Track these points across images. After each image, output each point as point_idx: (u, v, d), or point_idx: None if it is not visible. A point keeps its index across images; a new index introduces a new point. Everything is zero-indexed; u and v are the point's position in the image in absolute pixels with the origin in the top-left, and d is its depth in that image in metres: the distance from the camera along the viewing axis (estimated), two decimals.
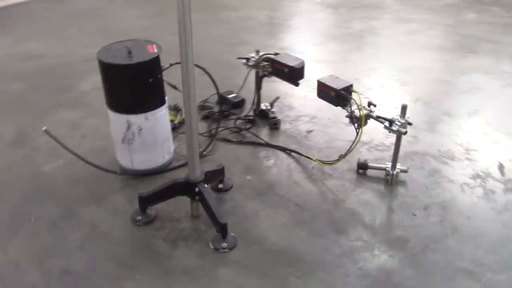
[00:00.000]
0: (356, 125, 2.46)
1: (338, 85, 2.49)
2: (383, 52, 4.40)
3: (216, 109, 3.23)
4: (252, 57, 2.92)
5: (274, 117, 3.10)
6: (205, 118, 3.20)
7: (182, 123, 3.08)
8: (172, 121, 2.98)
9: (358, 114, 2.43)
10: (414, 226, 2.32)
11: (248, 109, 3.27)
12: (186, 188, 2.29)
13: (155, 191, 2.34)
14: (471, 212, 2.41)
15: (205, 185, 2.29)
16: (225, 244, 2.19)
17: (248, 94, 3.24)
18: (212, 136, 2.90)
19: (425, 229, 2.30)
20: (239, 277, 2.06)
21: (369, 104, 2.46)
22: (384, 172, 2.63)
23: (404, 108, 2.40)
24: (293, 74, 2.69)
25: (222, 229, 2.20)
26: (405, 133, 2.39)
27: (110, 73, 2.43)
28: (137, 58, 2.38)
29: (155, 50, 2.47)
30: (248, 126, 3.08)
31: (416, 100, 3.47)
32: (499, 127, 3.13)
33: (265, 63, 2.84)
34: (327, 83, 2.52)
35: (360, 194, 2.53)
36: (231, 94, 3.32)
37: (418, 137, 3.00)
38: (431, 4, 5.81)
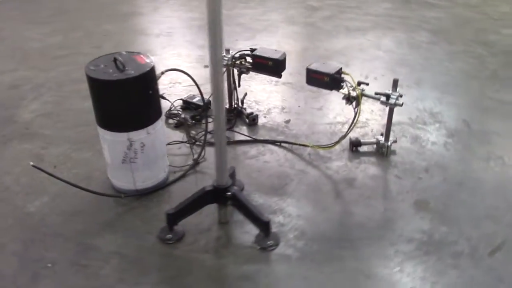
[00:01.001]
0: (354, 104, 2.57)
1: (330, 69, 2.58)
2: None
3: (184, 115, 3.13)
4: (223, 56, 2.88)
5: (251, 113, 3.09)
6: (178, 126, 3.08)
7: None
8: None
9: (355, 94, 2.55)
10: (425, 188, 2.51)
11: None
12: (217, 195, 2.22)
13: (184, 205, 2.22)
14: (464, 166, 2.67)
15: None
16: (271, 242, 2.17)
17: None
18: (194, 142, 2.83)
19: (435, 189, 2.50)
20: (298, 270, 2.06)
21: (359, 83, 2.59)
22: (375, 146, 2.80)
23: (395, 82, 2.57)
24: (277, 66, 2.71)
25: (266, 227, 2.17)
26: (402, 104, 2.57)
27: (106, 91, 2.24)
28: (134, 71, 2.23)
29: (147, 60, 2.33)
30: (228, 126, 3.04)
31: (365, 77, 3.69)
32: (446, 91, 3.48)
33: (242, 60, 2.83)
34: (318, 69, 2.59)
35: (365, 170, 2.66)
36: (195, 98, 3.24)
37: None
38: None
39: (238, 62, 2.84)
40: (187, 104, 3.24)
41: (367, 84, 2.58)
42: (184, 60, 4.04)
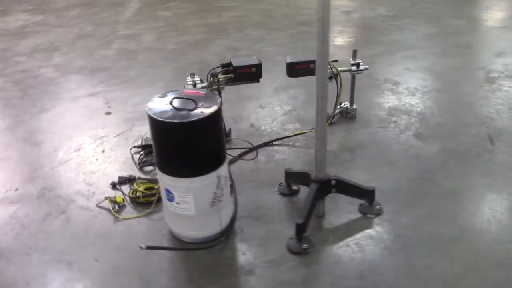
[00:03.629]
0: (337, 80, 2.93)
1: (310, 57, 2.85)
2: None
3: None
4: (198, 82, 2.82)
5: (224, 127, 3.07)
6: None
7: None
8: None
9: (335, 71, 2.91)
10: (414, 128, 3.11)
11: None
12: (324, 188, 2.31)
13: (308, 210, 2.22)
14: (436, 110, 3.34)
15: None
16: (379, 206, 2.41)
17: None
18: None
19: (424, 128, 3.12)
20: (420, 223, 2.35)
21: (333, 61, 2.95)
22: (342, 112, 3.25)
23: (355, 52, 3.03)
24: (260, 71, 2.83)
25: (372, 195, 2.38)
26: (367, 68, 3.05)
27: (196, 132, 2.04)
28: (208, 104, 2.08)
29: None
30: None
31: None
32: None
33: (222, 76, 2.81)
34: (302, 60, 2.83)
35: (354, 136, 3.09)
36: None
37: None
38: None
39: (218, 79, 2.81)
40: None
41: (337, 61, 2.97)
42: None
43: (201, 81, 2.82)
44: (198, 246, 2.23)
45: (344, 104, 3.22)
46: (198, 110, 2.03)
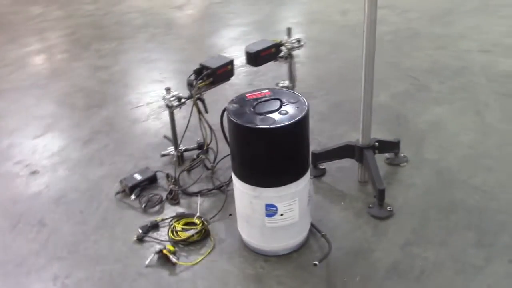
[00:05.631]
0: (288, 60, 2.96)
1: (269, 42, 2.81)
2: None
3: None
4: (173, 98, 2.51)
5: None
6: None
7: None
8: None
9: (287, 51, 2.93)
10: None
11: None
12: (358, 151, 2.41)
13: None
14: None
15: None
16: (403, 154, 2.63)
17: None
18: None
19: None
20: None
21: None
22: None
23: (289, 29, 3.07)
24: (233, 67, 2.66)
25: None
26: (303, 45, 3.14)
27: (300, 131, 1.90)
28: (291, 99, 1.93)
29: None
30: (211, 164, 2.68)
31: None
32: None
33: (203, 83, 2.54)
34: (264, 47, 2.76)
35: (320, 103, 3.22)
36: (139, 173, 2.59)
37: None
38: None
39: (199, 86, 2.53)
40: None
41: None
42: None
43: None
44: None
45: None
46: (287, 108, 1.89)
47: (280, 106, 1.89)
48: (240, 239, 2.18)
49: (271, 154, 1.88)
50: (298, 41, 3.04)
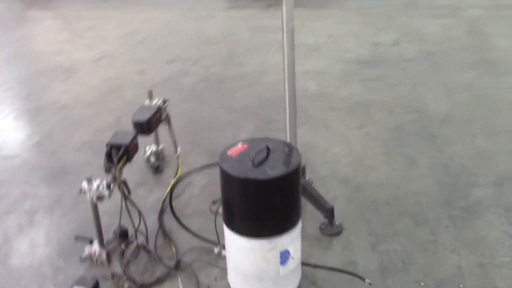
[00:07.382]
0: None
1: (152, 108, 2.71)
2: None
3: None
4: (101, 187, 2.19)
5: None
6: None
7: None
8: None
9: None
10: None
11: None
12: None
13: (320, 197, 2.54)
14: None
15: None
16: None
17: None
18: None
19: None
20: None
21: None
22: None
23: (150, 92, 2.96)
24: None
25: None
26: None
27: (301, 174, 2.04)
28: (293, 153, 2.01)
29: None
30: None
31: None
32: None
33: (120, 163, 2.25)
34: (152, 113, 2.66)
35: None
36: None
37: None
38: None
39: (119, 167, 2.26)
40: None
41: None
42: None
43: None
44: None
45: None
46: (276, 154, 1.94)
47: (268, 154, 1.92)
48: None
49: (286, 202, 1.91)
50: (164, 101, 3.01)
